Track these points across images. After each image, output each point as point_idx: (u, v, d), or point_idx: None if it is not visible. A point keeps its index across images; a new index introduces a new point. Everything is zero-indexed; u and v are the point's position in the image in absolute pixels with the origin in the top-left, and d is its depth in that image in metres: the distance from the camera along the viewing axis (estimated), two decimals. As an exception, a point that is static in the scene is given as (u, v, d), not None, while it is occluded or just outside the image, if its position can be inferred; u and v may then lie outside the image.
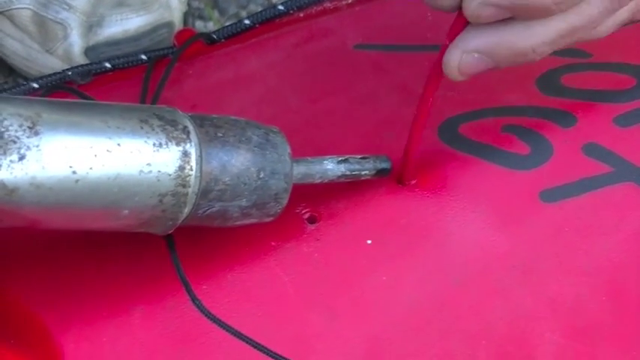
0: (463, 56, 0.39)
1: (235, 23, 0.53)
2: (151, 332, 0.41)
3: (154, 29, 0.66)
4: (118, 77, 0.51)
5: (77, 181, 0.34)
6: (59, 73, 0.51)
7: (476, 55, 0.39)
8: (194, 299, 0.42)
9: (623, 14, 0.41)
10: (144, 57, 0.51)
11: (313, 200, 0.45)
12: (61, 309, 0.41)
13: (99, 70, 0.51)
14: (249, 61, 0.50)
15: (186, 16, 0.72)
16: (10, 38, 0.66)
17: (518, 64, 0.40)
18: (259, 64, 0.50)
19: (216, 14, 0.76)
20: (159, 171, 0.36)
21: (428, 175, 0.46)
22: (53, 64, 0.65)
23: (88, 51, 0.64)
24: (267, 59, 0.50)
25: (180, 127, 0.37)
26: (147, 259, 0.43)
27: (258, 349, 0.41)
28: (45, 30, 0.65)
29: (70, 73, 0.50)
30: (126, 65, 0.51)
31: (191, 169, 0.37)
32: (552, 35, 0.39)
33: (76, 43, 0.64)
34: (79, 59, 0.64)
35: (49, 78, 0.50)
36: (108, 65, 0.51)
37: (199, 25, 0.75)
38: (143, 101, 0.48)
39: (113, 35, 0.64)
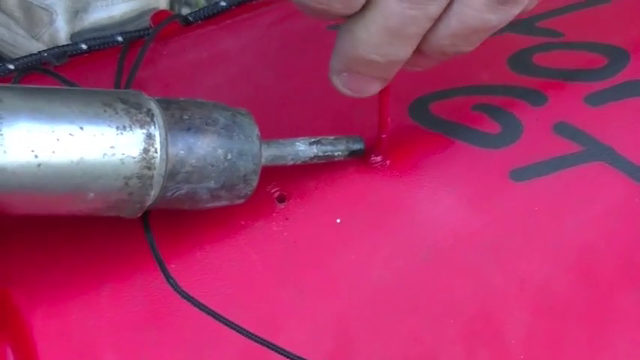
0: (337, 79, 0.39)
1: (211, 5, 0.53)
2: (120, 310, 0.41)
3: (140, 15, 0.66)
4: (93, 58, 0.51)
5: (39, 165, 0.34)
6: (35, 54, 0.51)
7: (344, 75, 0.39)
8: (168, 277, 0.42)
9: None
10: (120, 38, 0.51)
11: (282, 179, 0.45)
12: (30, 286, 0.41)
13: (75, 52, 0.51)
14: (224, 41, 0.50)
15: (172, 3, 0.72)
16: (-4, 24, 0.66)
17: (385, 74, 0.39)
18: (234, 44, 0.50)
19: (202, 1, 0.76)
20: (123, 154, 0.36)
21: (398, 153, 0.46)
22: (39, 50, 0.65)
23: (73, 37, 0.64)
24: (242, 39, 0.50)
25: (145, 109, 0.37)
26: (117, 237, 0.43)
27: (229, 326, 0.41)
28: (31, 16, 0.65)
29: (45, 54, 0.51)
30: (102, 46, 0.51)
31: (156, 152, 0.37)
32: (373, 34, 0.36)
33: (61, 29, 0.64)
34: (65, 45, 0.64)
35: (25, 59, 0.50)
36: (84, 46, 0.51)
37: (185, 12, 0.75)
38: (118, 81, 0.48)
39: (98, 21, 0.65)
